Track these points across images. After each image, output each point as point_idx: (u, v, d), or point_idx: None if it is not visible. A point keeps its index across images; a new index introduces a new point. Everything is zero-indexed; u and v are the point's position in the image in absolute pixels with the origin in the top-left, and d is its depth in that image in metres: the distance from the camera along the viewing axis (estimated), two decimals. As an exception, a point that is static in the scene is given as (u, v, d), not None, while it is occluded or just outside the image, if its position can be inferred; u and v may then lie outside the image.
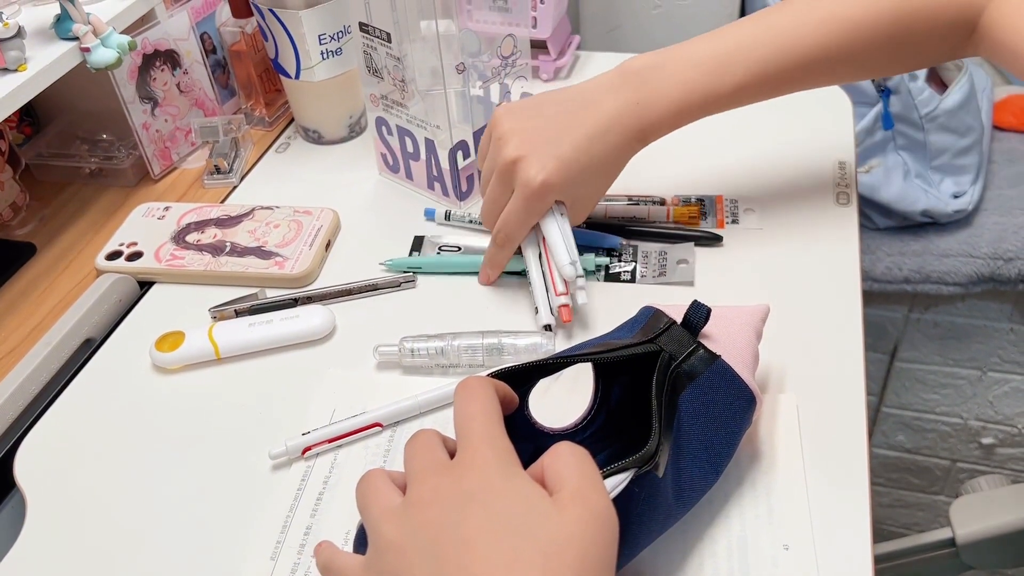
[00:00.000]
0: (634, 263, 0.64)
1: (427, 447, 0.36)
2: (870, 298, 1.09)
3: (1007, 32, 0.54)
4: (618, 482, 0.37)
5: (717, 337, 0.46)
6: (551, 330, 0.58)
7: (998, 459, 1.22)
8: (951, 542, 0.91)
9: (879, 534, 1.32)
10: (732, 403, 0.44)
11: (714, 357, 0.44)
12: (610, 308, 0.60)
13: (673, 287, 0.62)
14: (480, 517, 0.32)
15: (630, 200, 0.69)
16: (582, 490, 0.33)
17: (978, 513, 0.91)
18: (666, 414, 0.42)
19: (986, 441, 1.20)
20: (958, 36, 0.57)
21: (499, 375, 0.42)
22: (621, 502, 0.37)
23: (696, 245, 0.65)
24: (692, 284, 0.61)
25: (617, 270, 0.63)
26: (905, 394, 1.19)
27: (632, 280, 0.62)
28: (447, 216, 0.69)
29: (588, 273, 0.62)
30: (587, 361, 0.45)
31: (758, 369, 0.48)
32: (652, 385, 0.42)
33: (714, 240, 0.65)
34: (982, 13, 0.56)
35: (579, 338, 0.58)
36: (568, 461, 0.35)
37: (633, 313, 0.49)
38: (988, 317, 1.08)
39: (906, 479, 1.29)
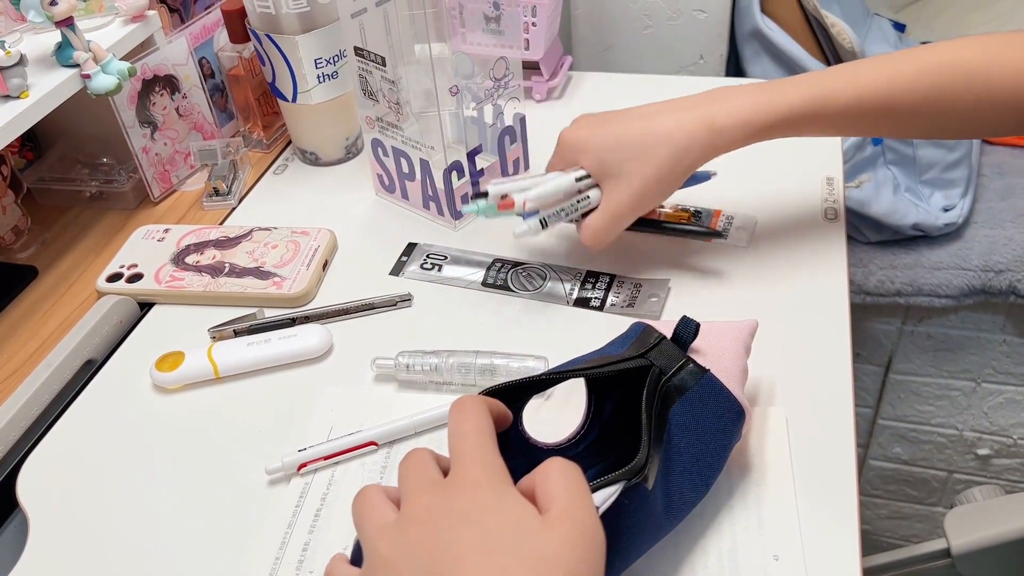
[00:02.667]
0: (606, 291, 0.63)
1: (420, 465, 0.37)
2: (864, 311, 1.10)
3: None
4: (608, 495, 0.38)
5: (706, 352, 0.47)
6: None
7: (994, 470, 1.23)
8: (946, 553, 0.92)
9: (877, 546, 1.32)
10: (721, 416, 0.45)
11: (703, 371, 0.45)
12: (580, 333, 0.60)
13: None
14: (470, 535, 0.33)
15: None
16: (571, 508, 0.34)
17: (973, 524, 0.92)
18: (656, 427, 0.43)
19: (982, 452, 1.21)
20: None
21: (493, 392, 0.42)
22: (611, 514, 0.38)
23: (695, 238, 0.67)
24: (658, 318, 0.61)
25: (587, 295, 0.63)
26: (900, 406, 1.20)
27: (600, 308, 0.62)
28: (544, 224, 0.63)
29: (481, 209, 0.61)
30: (579, 376, 0.46)
31: (747, 383, 0.49)
32: (642, 399, 0.43)
33: (714, 235, 0.66)
34: None
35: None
36: (558, 480, 0.35)
37: (601, 337, 0.50)
38: (981, 329, 1.09)
39: (903, 491, 1.29)
